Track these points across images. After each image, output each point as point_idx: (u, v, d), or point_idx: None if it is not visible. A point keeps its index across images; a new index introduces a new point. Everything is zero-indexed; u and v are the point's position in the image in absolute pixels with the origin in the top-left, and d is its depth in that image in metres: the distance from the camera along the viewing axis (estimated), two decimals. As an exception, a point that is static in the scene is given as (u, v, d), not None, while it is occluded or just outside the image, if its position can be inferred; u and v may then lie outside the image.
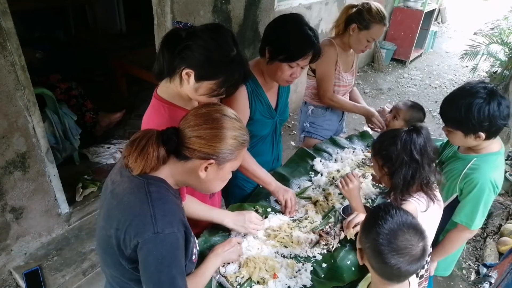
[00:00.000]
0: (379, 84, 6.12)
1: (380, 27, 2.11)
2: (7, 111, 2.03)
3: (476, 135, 1.50)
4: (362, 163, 2.16)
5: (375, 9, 2.09)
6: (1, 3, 1.84)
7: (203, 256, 1.48)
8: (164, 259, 1.00)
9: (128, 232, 1.01)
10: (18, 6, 3.70)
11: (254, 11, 3.43)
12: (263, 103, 1.78)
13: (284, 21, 1.65)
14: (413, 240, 1.05)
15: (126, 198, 1.06)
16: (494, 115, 1.44)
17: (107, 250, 1.08)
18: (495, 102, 1.44)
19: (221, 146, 1.06)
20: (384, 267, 1.07)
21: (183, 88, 1.28)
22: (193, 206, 1.48)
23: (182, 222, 1.07)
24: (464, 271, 2.83)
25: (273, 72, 1.67)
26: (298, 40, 1.59)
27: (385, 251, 1.04)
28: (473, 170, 1.57)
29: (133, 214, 1.02)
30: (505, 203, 3.43)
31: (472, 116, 1.45)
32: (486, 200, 1.55)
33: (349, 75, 2.38)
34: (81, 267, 2.47)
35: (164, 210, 1.02)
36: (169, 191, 1.09)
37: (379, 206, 1.16)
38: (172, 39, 1.25)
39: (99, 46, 5.35)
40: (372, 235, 1.07)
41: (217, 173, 1.11)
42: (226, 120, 1.08)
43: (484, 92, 1.45)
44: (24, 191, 2.29)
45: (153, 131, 1.06)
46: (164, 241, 1.00)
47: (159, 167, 1.07)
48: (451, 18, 10.38)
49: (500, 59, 5.46)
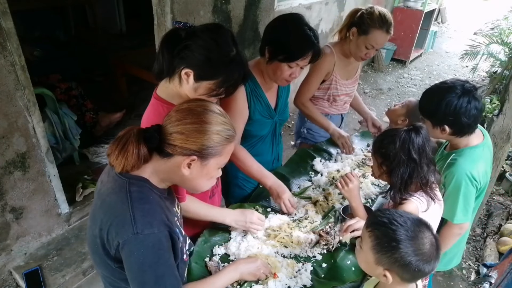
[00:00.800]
0: (379, 84, 6.12)
1: (380, 34, 1.97)
2: (7, 111, 2.03)
3: (442, 127, 1.56)
4: (362, 163, 2.16)
5: (377, 14, 1.96)
6: (1, 3, 1.84)
7: (203, 256, 1.48)
8: (146, 259, 0.99)
9: (110, 232, 1.00)
10: (18, 6, 3.70)
11: (254, 11, 3.43)
12: (262, 103, 1.78)
13: (284, 21, 1.65)
14: (430, 236, 1.04)
15: (108, 198, 1.05)
16: (459, 111, 1.49)
17: (95, 250, 1.08)
18: (465, 100, 1.49)
19: (203, 142, 1.03)
20: (421, 274, 1.03)
21: (183, 88, 1.28)
22: (194, 206, 1.48)
23: (163, 223, 1.04)
24: (464, 271, 2.83)
25: (273, 72, 1.67)
26: (298, 41, 1.58)
27: (418, 262, 1.00)
28: (450, 165, 1.62)
29: (114, 215, 1.01)
30: (505, 203, 3.43)
31: (440, 108, 1.51)
32: (464, 193, 1.57)
33: (351, 82, 2.29)
34: (81, 267, 2.47)
35: (143, 211, 1.01)
36: (152, 191, 1.07)
37: (378, 220, 1.08)
38: (171, 39, 1.25)
39: (99, 46, 5.35)
40: (400, 252, 1.01)
41: (201, 170, 1.08)
42: (209, 114, 1.05)
43: (460, 89, 1.50)
44: (24, 191, 2.29)
45: (135, 128, 1.04)
46: (144, 241, 0.98)
47: (141, 165, 1.05)
48: (451, 18, 10.38)
49: (500, 59, 5.46)
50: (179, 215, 1.25)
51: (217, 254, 1.50)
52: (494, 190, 3.52)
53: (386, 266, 1.05)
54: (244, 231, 1.60)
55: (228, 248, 1.51)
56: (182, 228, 1.27)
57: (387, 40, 2.05)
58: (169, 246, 1.05)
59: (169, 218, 1.09)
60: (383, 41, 2.04)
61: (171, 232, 1.06)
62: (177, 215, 1.22)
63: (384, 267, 1.05)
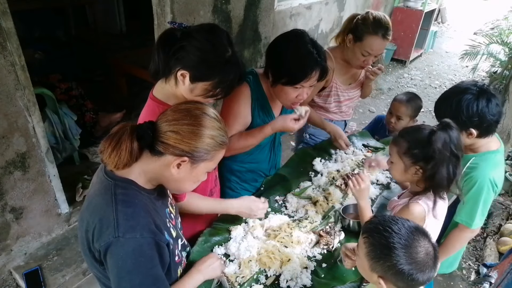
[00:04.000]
0: (379, 84, 6.12)
1: (375, 39, 1.89)
2: (7, 111, 2.03)
3: (468, 131, 1.52)
4: (362, 163, 2.16)
5: (371, 18, 1.88)
6: (1, 3, 1.84)
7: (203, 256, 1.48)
8: (124, 265, 0.97)
9: (95, 235, 0.99)
10: (18, 6, 3.71)
11: (254, 11, 3.43)
12: (266, 112, 1.73)
13: (285, 40, 1.58)
14: (426, 244, 1.02)
15: (94, 200, 1.04)
16: (483, 110, 1.47)
17: (84, 251, 1.07)
18: (484, 98, 1.47)
19: (197, 144, 1.02)
20: (415, 284, 1.02)
21: (179, 88, 1.28)
22: (195, 202, 1.48)
23: (147, 228, 1.01)
24: (464, 271, 2.83)
25: (278, 94, 1.62)
26: (299, 62, 1.51)
27: (411, 271, 0.99)
28: (471, 169, 1.57)
29: (98, 217, 1.00)
30: (505, 203, 3.43)
31: (462, 112, 1.48)
32: (485, 198, 1.55)
33: (353, 87, 2.24)
34: (81, 267, 2.47)
35: (126, 214, 0.99)
36: (139, 193, 1.05)
37: (374, 227, 1.08)
38: (167, 39, 1.24)
39: (99, 46, 5.34)
40: (393, 259, 1.00)
41: (190, 172, 1.07)
42: (206, 118, 1.05)
43: (474, 89, 1.49)
44: (24, 191, 2.29)
45: (128, 125, 1.03)
46: (124, 245, 0.96)
47: (132, 163, 1.04)
48: (451, 18, 10.38)
49: (500, 59, 5.47)
50: (172, 216, 1.24)
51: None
52: (494, 190, 3.52)
53: (380, 273, 1.04)
54: (244, 231, 1.60)
55: (228, 248, 1.51)
56: (178, 228, 1.26)
57: (384, 45, 1.95)
58: (153, 254, 1.01)
59: (156, 222, 1.06)
60: (379, 47, 1.94)
61: (156, 238, 1.03)
62: (169, 216, 1.20)
63: (378, 274, 1.05)
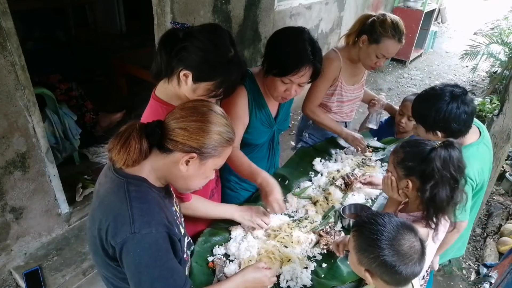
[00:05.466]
0: (379, 84, 6.12)
1: (391, 43, 1.89)
2: (7, 111, 2.03)
3: (434, 132, 1.57)
4: (362, 163, 2.16)
5: (389, 22, 1.87)
6: (1, 3, 1.84)
7: (203, 256, 1.48)
8: (142, 260, 0.99)
9: (109, 232, 1.00)
10: (18, 6, 3.70)
11: (254, 11, 3.43)
12: (263, 111, 1.74)
13: (285, 33, 1.60)
14: (412, 238, 1.05)
15: (106, 199, 1.05)
16: (449, 118, 1.50)
17: (96, 251, 1.08)
18: (454, 106, 1.50)
19: (205, 140, 1.04)
20: (399, 277, 1.04)
21: (181, 89, 1.28)
22: (201, 205, 1.48)
23: (162, 223, 1.04)
24: (464, 271, 2.83)
25: (269, 87, 1.64)
26: (291, 55, 1.51)
27: (394, 262, 1.01)
28: None
29: (113, 214, 1.01)
30: (505, 203, 3.43)
31: (430, 115, 1.53)
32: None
33: (357, 87, 2.24)
34: (81, 267, 2.47)
35: (141, 210, 1.01)
36: (151, 189, 1.07)
37: (362, 221, 1.11)
38: (169, 39, 1.24)
39: (99, 46, 5.35)
40: (376, 251, 1.03)
41: (198, 168, 1.09)
42: (213, 115, 1.08)
43: (448, 96, 1.51)
44: (24, 191, 2.29)
45: (137, 123, 1.04)
46: (141, 241, 0.98)
47: (141, 161, 1.05)
48: (451, 18, 10.38)
49: (500, 59, 5.47)
50: (178, 214, 1.25)
51: (217, 254, 1.50)
52: (494, 190, 3.52)
53: (366, 266, 1.08)
54: (244, 230, 1.60)
55: (228, 248, 1.51)
56: (182, 226, 1.27)
57: (398, 49, 1.95)
58: (168, 247, 1.04)
59: (168, 217, 1.09)
60: (394, 51, 1.94)
61: (170, 233, 1.06)
62: (176, 214, 1.22)
63: (364, 267, 1.09)
